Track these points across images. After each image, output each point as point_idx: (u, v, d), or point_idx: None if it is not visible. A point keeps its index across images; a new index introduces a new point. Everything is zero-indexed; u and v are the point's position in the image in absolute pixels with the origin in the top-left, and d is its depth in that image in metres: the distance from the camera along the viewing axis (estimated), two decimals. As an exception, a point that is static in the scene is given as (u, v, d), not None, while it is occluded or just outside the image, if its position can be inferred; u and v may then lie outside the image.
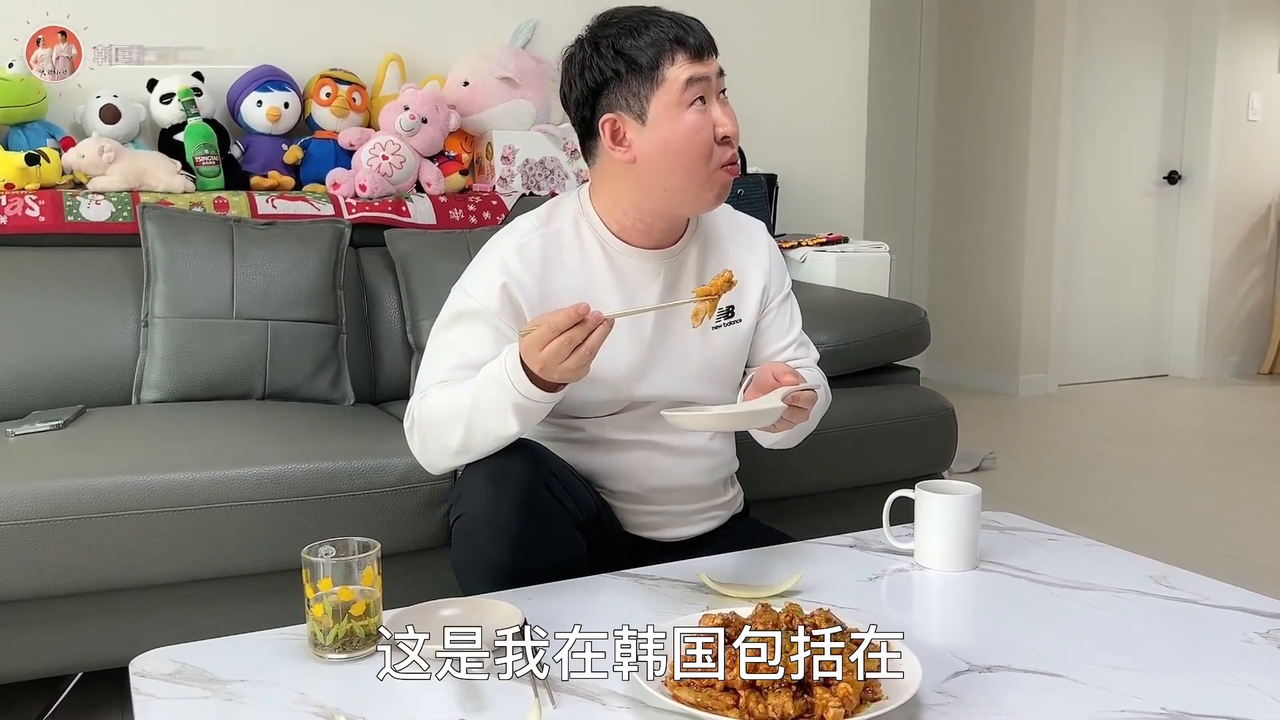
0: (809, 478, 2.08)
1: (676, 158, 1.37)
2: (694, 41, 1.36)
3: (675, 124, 1.36)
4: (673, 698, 0.93)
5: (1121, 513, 2.92)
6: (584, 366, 1.23)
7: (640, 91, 1.36)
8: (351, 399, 2.19)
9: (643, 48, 1.35)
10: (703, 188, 1.40)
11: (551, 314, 1.21)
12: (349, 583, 1.09)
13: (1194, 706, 0.95)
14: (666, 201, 1.42)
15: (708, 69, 1.37)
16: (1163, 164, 5.22)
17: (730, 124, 1.38)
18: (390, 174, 2.45)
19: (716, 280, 1.31)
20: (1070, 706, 0.96)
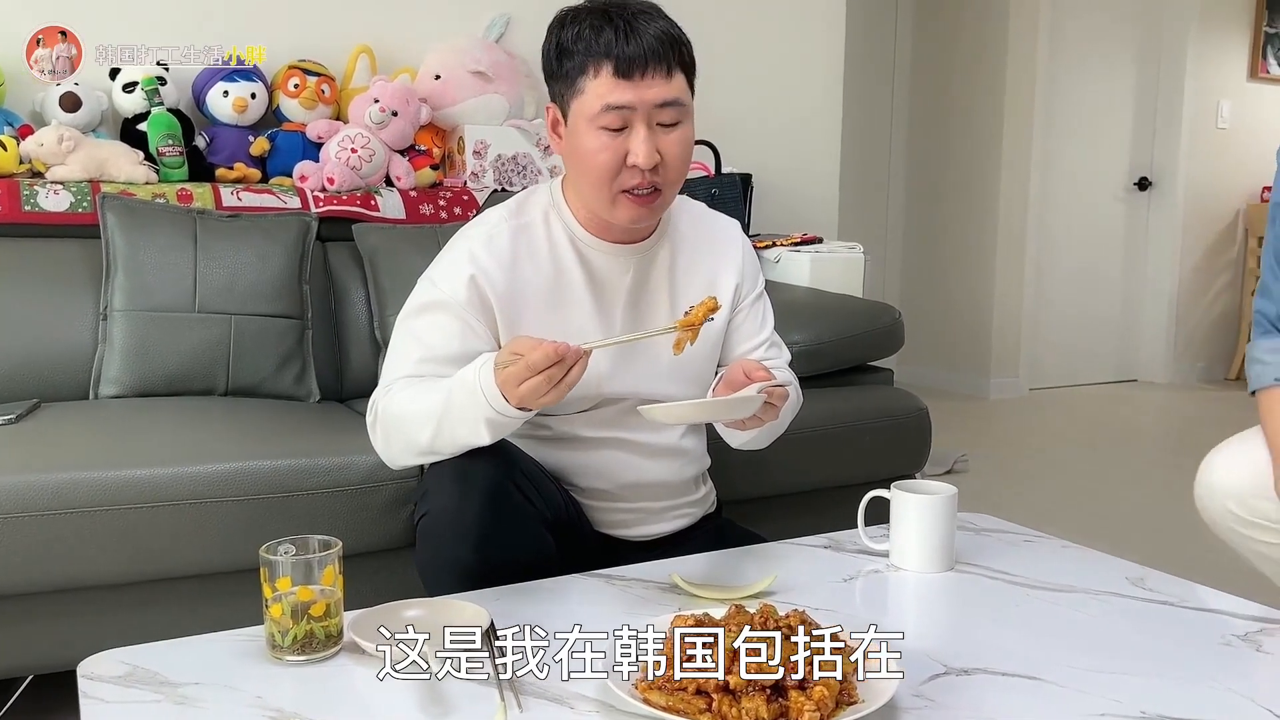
0: (783, 478, 2.06)
1: (581, 169, 1.35)
2: (624, 56, 1.28)
3: (583, 138, 1.32)
4: (643, 701, 0.90)
5: (1091, 515, 2.92)
6: (563, 397, 1.20)
7: (564, 94, 1.34)
8: (317, 396, 2.14)
9: (575, 53, 1.31)
10: (608, 205, 1.35)
11: (529, 351, 1.16)
12: (309, 582, 1.06)
13: (1173, 709, 0.93)
14: (587, 203, 1.39)
15: (637, 95, 1.28)
16: (1133, 170, 5.26)
17: (644, 156, 1.29)
18: (359, 167, 2.41)
19: (698, 309, 1.27)
20: (1049, 710, 0.94)
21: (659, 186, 1.34)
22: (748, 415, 1.29)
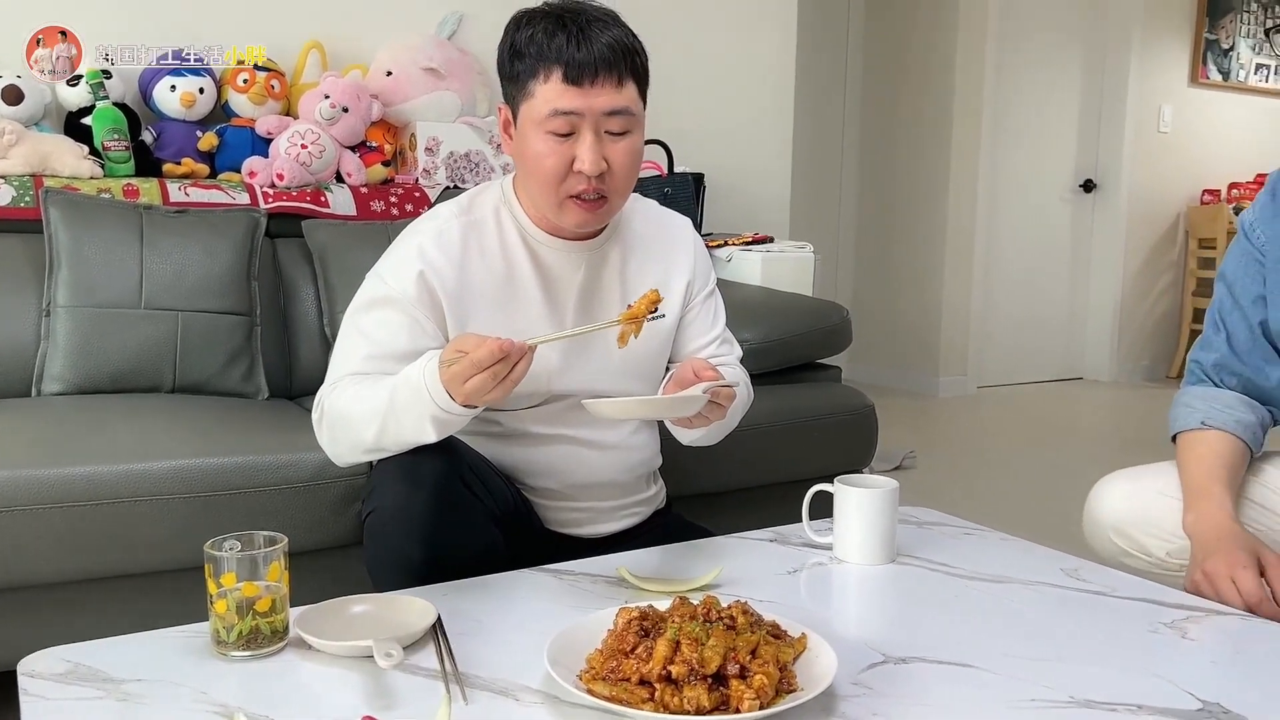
0: (732, 474, 2.08)
1: (529, 171, 1.36)
2: (576, 63, 1.28)
3: (530, 142, 1.33)
4: (587, 691, 0.92)
5: (1036, 509, 2.98)
6: (509, 394, 1.21)
7: (515, 97, 1.35)
8: (265, 393, 2.13)
9: (527, 56, 1.31)
10: (555, 209, 1.37)
11: (474, 348, 1.16)
12: (254, 578, 1.05)
13: (1100, 694, 0.96)
14: (536, 203, 1.40)
15: (585, 102, 1.29)
16: (1078, 173, 5.36)
17: (590, 163, 1.30)
18: (309, 163, 2.40)
19: (641, 301, 1.28)
20: (982, 696, 0.96)
21: (605, 194, 1.35)
22: (691, 414, 1.30)
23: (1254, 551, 1.24)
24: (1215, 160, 5.56)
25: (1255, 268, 1.41)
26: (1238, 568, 1.21)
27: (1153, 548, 1.43)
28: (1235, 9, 5.46)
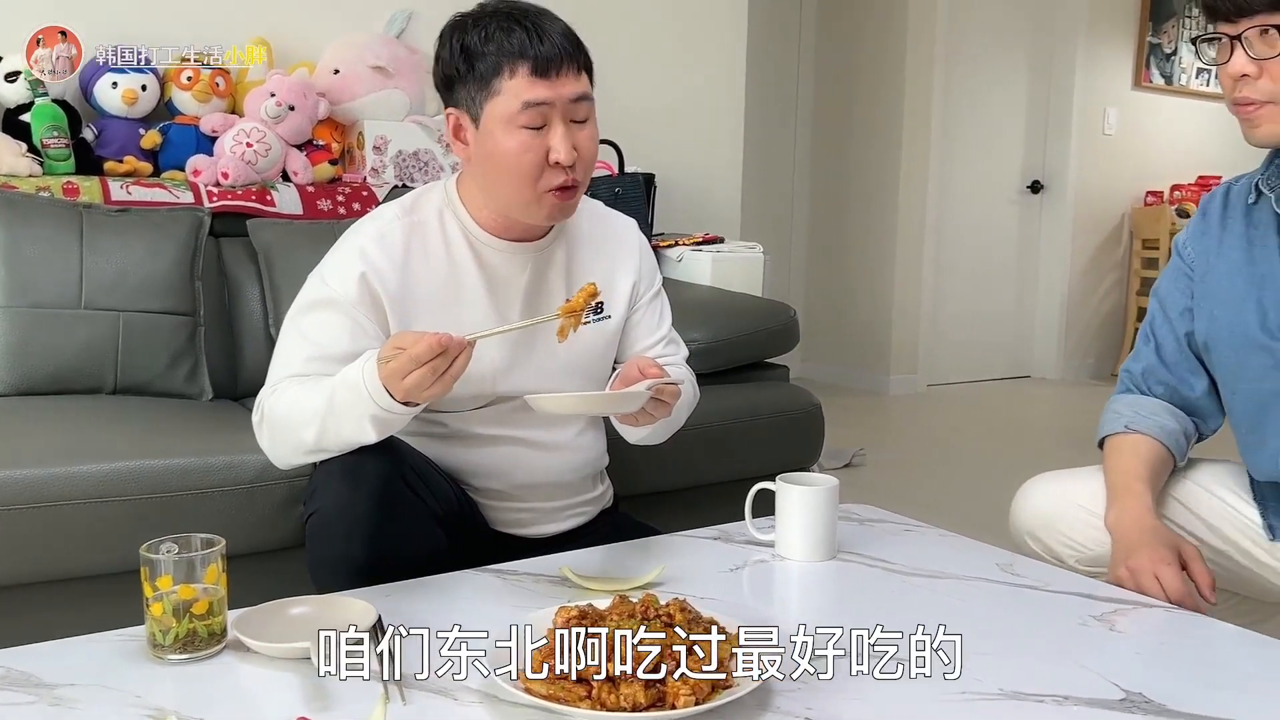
0: (680, 473, 2.09)
1: (502, 172, 1.34)
2: (538, 55, 1.30)
3: (503, 139, 1.32)
4: (525, 690, 0.92)
5: (982, 505, 3.02)
6: (449, 389, 1.20)
7: (477, 97, 1.33)
8: (209, 394, 2.11)
9: (486, 54, 1.31)
10: (530, 205, 1.36)
11: (412, 344, 1.16)
12: (191, 581, 1.05)
13: (1029, 686, 0.98)
14: (502, 206, 1.40)
15: (554, 93, 1.30)
16: (1026, 174, 5.45)
17: (566, 152, 1.31)
18: (255, 161, 2.37)
19: (580, 295, 1.29)
20: (914, 689, 0.98)
21: (576, 182, 1.36)
22: (633, 410, 1.31)
23: (1175, 547, 1.28)
24: (1158, 162, 5.68)
25: (1184, 282, 1.45)
26: (1160, 564, 1.24)
27: (1065, 555, 1.46)
28: (1177, 14, 5.58)
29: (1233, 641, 1.14)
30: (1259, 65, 1.22)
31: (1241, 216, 1.38)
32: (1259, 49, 1.21)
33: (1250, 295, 1.34)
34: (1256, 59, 1.22)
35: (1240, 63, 1.23)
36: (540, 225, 1.41)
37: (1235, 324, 1.36)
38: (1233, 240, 1.38)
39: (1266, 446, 1.34)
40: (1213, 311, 1.40)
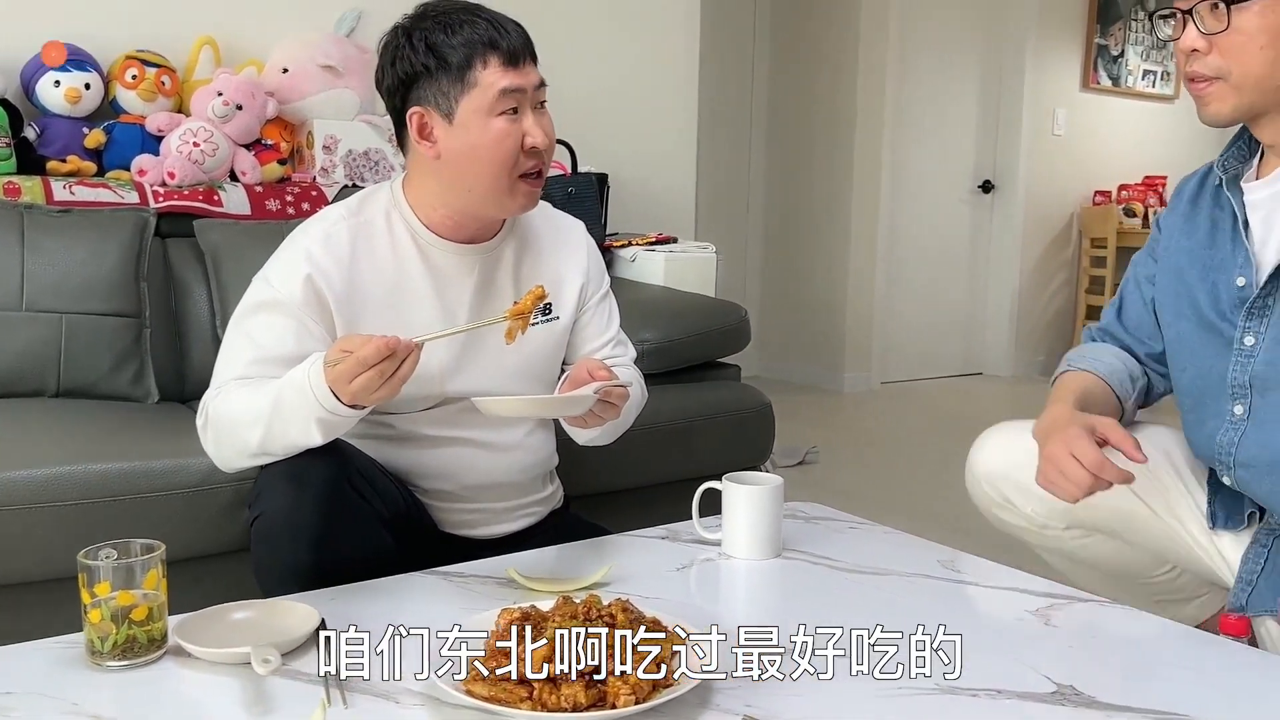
0: (631, 472, 2.10)
1: (480, 162, 1.35)
2: (508, 46, 1.33)
3: (482, 130, 1.33)
4: (466, 693, 0.93)
5: (935, 501, 3.06)
6: (397, 392, 1.20)
7: (450, 91, 1.33)
8: (155, 396, 2.08)
9: (455, 47, 1.32)
10: (506, 194, 1.38)
11: (359, 347, 1.16)
12: (131, 587, 1.04)
13: (966, 680, 1.00)
14: (472, 202, 1.40)
15: (525, 80, 1.34)
16: (977, 173, 5.52)
17: (541, 136, 1.35)
18: (202, 161, 2.35)
19: (527, 298, 1.30)
20: (853, 685, 0.99)
21: (544, 168, 1.39)
22: (580, 413, 1.32)
23: (1089, 426, 1.28)
24: (1106, 162, 5.77)
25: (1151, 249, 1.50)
26: (1074, 440, 1.25)
27: (1019, 502, 1.49)
28: (1124, 16, 5.67)
29: (1162, 634, 1.18)
30: (1209, 40, 1.24)
31: (1210, 200, 1.40)
32: (1209, 24, 1.23)
33: (1206, 278, 1.37)
34: (1206, 34, 1.23)
35: (1191, 37, 1.25)
36: (506, 217, 1.44)
37: (1190, 304, 1.39)
38: (1199, 222, 1.41)
39: (1204, 427, 1.37)
40: (1171, 289, 1.43)
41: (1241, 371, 1.31)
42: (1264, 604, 1.30)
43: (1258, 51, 1.21)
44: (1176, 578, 1.53)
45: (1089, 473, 1.23)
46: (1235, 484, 1.35)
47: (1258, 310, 1.29)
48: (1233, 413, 1.33)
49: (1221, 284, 1.35)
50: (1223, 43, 1.23)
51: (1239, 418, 1.32)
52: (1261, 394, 1.29)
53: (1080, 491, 1.26)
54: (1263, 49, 1.21)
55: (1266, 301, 1.28)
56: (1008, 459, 1.51)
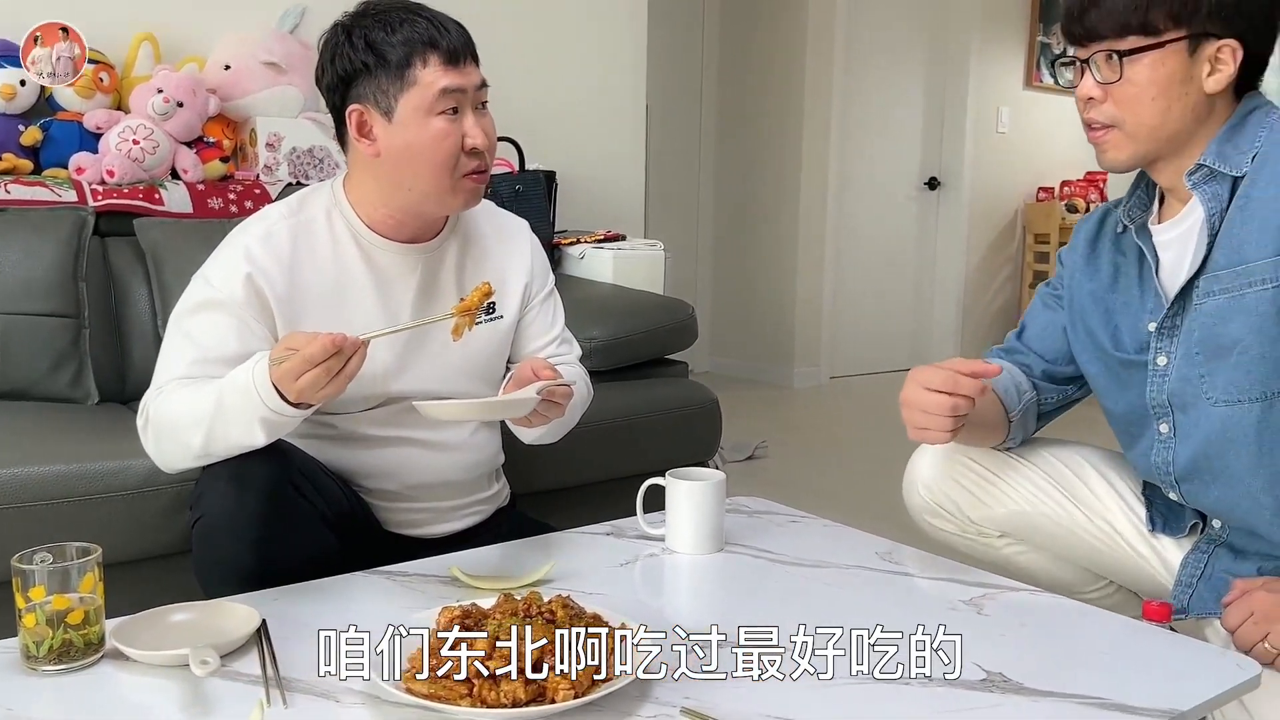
0: (578, 470, 2.11)
1: (419, 161, 1.35)
2: (448, 45, 1.33)
3: (421, 129, 1.33)
4: (406, 691, 0.93)
5: (881, 494, 3.11)
6: (343, 389, 1.20)
7: (389, 89, 1.33)
8: (95, 397, 2.06)
9: (395, 45, 1.32)
10: (447, 193, 1.38)
11: (305, 345, 1.16)
12: (67, 590, 1.03)
13: (897, 669, 1.02)
14: (412, 200, 1.40)
15: (465, 79, 1.34)
16: (923, 171, 5.59)
17: (481, 137, 1.36)
18: (142, 159, 2.32)
19: (474, 294, 1.30)
20: (789, 678, 1.01)
21: (486, 168, 1.39)
22: (523, 414, 1.33)
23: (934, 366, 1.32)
24: (1049, 159, 5.88)
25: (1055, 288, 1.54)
26: (919, 375, 1.30)
27: (954, 510, 1.53)
28: (1065, 17, 5.77)
29: (1090, 621, 1.21)
30: (1104, 90, 1.27)
31: (1111, 241, 1.45)
32: (1104, 74, 1.27)
33: (1109, 321, 1.42)
34: (1102, 83, 1.27)
35: (1088, 86, 1.29)
36: (449, 214, 1.43)
37: (1095, 346, 1.45)
38: (1101, 262, 1.45)
39: (1140, 450, 1.42)
40: (1080, 330, 1.47)
41: (1159, 391, 1.35)
42: (1205, 607, 1.34)
43: (1149, 102, 1.25)
44: (1110, 594, 1.57)
45: (944, 393, 1.27)
46: (1184, 499, 1.39)
47: (1167, 330, 1.33)
48: (1159, 432, 1.37)
49: (1124, 327, 1.40)
50: (1117, 93, 1.27)
51: (1167, 436, 1.36)
52: (1182, 410, 1.33)
53: (945, 418, 1.28)
54: (1154, 100, 1.25)
55: (1175, 321, 1.33)
56: (946, 467, 1.55)
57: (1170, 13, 1.22)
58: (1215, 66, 1.24)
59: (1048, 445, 1.56)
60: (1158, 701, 0.98)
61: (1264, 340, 1.23)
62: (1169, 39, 1.23)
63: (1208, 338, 1.28)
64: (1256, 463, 1.27)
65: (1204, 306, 1.28)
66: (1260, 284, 1.22)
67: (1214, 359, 1.28)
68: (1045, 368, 1.52)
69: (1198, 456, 1.33)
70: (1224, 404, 1.28)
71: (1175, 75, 1.24)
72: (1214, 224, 1.27)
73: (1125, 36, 1.24)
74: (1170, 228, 1.34)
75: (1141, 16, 1.23)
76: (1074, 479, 1.51)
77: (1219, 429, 1.29)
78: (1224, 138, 1.27)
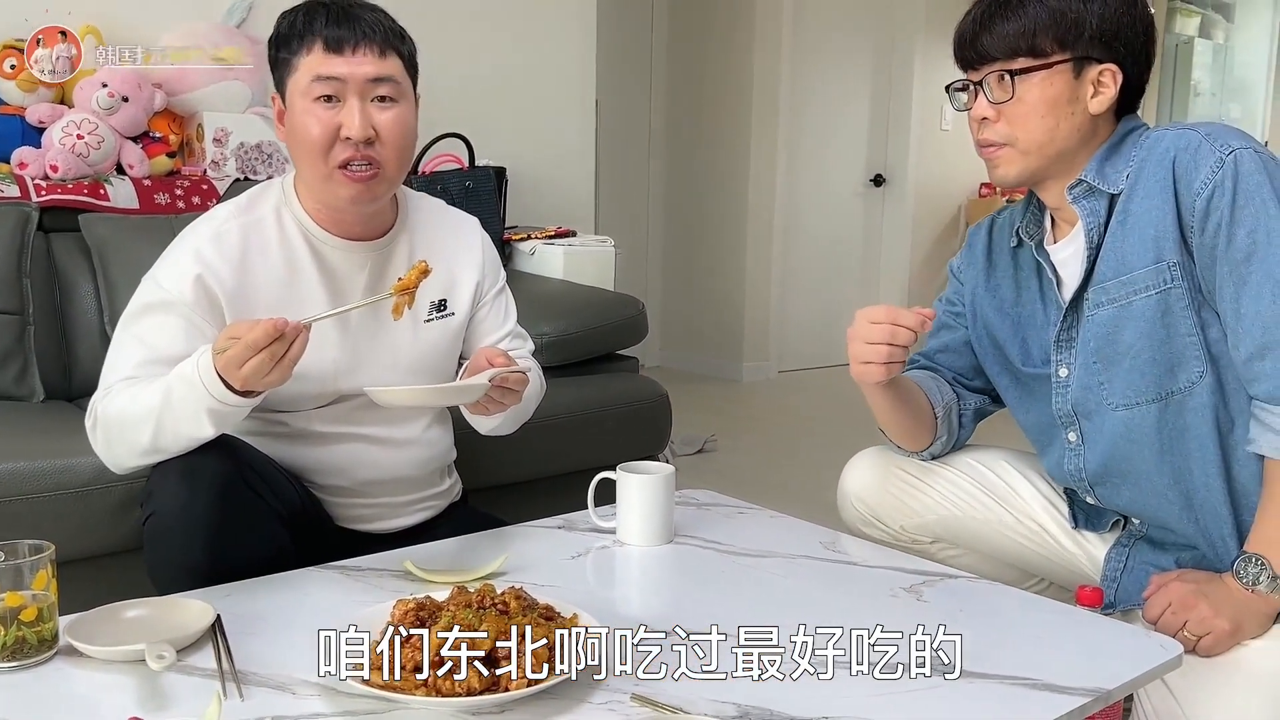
0: (530, 464, 2.13)
1: (297, 148, 1.38)
2: (333, 34, 1.33)
3: (295, 113, 1.36)
4: (363, 682, 0.95)
5: (827, 486, 3.16)
6: (289, 375, 1.21)
7: (283, 76, 1.37)
8: (41, 395, 2.04)
9: (291, 37, 1.36)
10: (327, 182, 1.37)
11: (247, 331, 1.17)
12: (19, 588, 1.04)
13: (840, 655, 1.06)
14: (313, 188, 1.41)
15: (348, 69, 1.33)
16: (869, 168, 5.67)
17: (355, 127, 1.32)
18: (86, 154, 2.29)
19: (412, 272, 1.31)
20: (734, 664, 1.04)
21: (376, 163, 1.36)
22: (474, 400, 1.35)
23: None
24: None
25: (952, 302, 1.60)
26: (863, 314, 1.37)
27: (886, 519, 1.58)
28: (1006, 17, 5.88)
29: (1023, 606, 1.26)
30: (997, 109, 1.33)
31: (1007, 256, 1.51)
32: (996, 94, 1.33)
33: (1016, 334, 1.48)
34: (995, 103, 1.33)
35: (981, 107, 1.35)
36: (340, 206, 1.40)
37: (1003, 360, 1.51)
38: (1000, 278, 1.51)
39: (1053, 457, 1.49)
40: (987, 345, 1.53)
41: (1064, 402, 1.42)
42: (1130, 599, 1.40)
43: (1039, 120, 1.31)
44: (1043, 592, 1.63)
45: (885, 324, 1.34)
46: (1100, 502, 1.46)
47: (1065, 342, 1.40)
48: (1069, 440, 1.44)
49: (1032, 339, 1.46)
50: (1009, 111, 1.33)
51: (1076, 444, 1.43)
52: (1087, 418, 1.40)
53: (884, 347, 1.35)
54: (1043, 117, 1.31)
55: (1070, 334, 1.40)
56: (876, 478, 1.60)
57: (1056, 37, 1.29)
58: (1098, 89, 1.32)
59: (970, 451, 1.61)
60: (1085, 681, 1.03)
61: (1154, 344, 1.31)
62: (1055, 60, 1.30)
63: (1102, 346, 1.35)
64: (1160, 461, 1.34)
65: (1096, 316, 1.35)
66: (1145, 291, 1.30)
67: (1110, 366, 1.35)
68: (955, 378, 1.59)
69: (1106, 460, 1.39)
70: (1124, 408, 1.35)
71: (1063, 95, 1.31)
72: (1093, 238, 1.34)
73: (1015, 59, 1.31)
74: (1065, 246, 1.41)
75: (1029, 40, 1.30)
76: (998, 480, 1.57)
77: (1122, 432, 1.36)
78: (1103, 156, 1.34)
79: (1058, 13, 1.29)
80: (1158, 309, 1.30)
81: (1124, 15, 1.30)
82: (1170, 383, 1.31)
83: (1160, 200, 1.28)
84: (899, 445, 1.58)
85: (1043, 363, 1.44)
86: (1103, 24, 1.29)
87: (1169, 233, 1.28)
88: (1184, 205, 1.27)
